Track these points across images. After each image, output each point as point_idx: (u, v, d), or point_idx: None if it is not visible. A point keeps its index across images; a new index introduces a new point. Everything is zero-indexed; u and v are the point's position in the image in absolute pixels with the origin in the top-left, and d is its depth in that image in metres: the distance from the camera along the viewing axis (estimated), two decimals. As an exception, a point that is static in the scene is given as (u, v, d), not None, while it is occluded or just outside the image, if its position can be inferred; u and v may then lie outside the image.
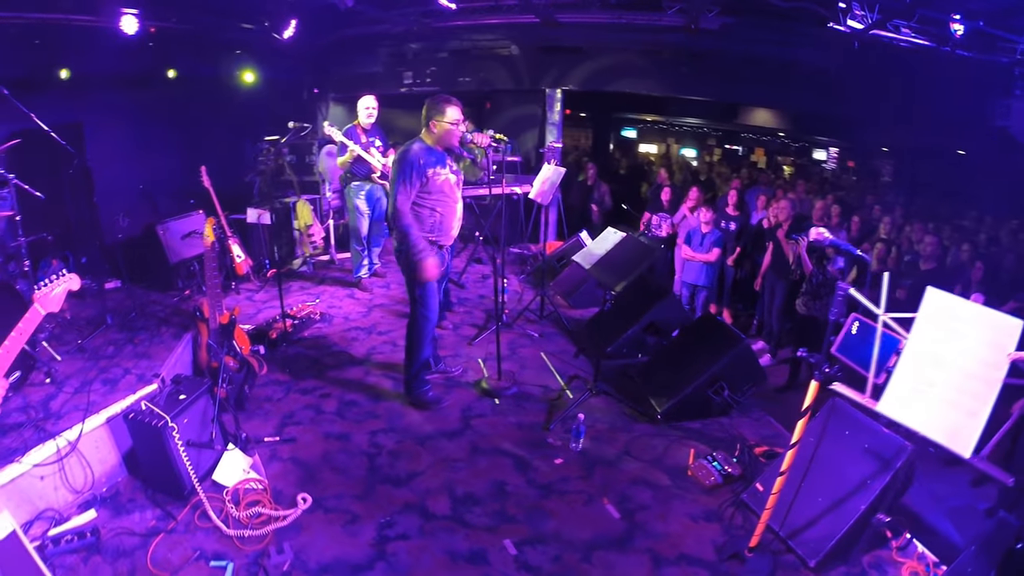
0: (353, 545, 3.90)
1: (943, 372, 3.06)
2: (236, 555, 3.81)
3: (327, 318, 7.51)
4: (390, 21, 9.53)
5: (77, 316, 6.76)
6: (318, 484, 4.52)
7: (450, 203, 5.20)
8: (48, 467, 4.21)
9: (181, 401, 4.43)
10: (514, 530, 4.11)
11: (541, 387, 5.96)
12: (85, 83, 9.27)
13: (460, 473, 4.66)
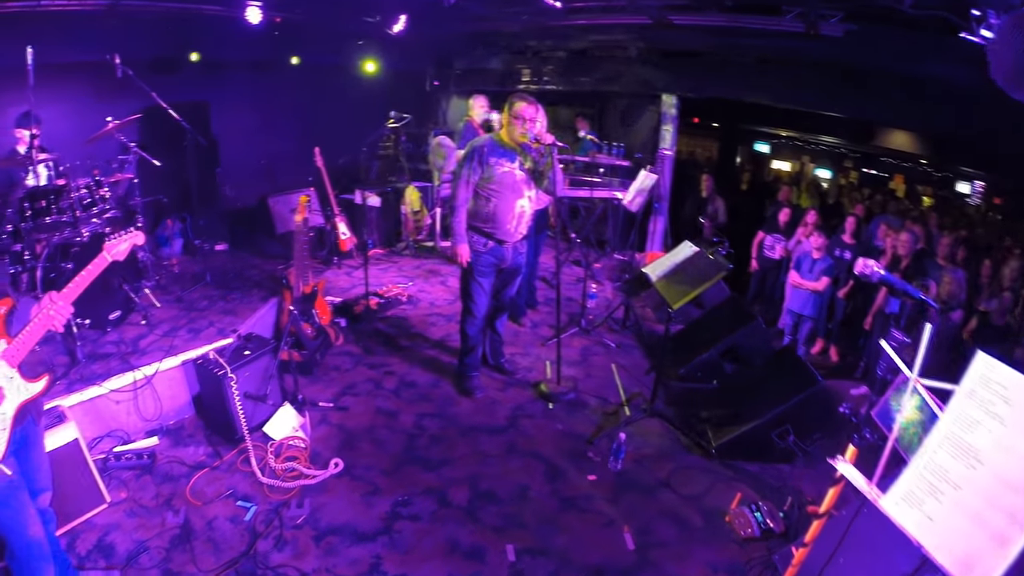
0: (366, 515, 4.71)
1: (975, 472, 2.52)
2: (262, 501, 4.81)
3: (413, 301, 8.56)
4: (501, 19, 10.09)
5: (184, 271, 8.43)
6: (354, 453, 5.42)
7: (508, 197, 5.79)
8: (124, 394, 5.46)
9: (245, 356, 5.54)
10: (521, 536, 4.57)
11: (600, 399, 6.38)
12: (213, 66, 10.78)
13: (489, 469, 5.29)
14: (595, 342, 7.52)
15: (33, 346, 3.16)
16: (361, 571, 4.23)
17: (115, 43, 7.72)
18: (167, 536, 4.47)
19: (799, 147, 18.59)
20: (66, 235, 6.42)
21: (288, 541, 4.45)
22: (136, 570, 4.20)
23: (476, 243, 5.92)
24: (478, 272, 5.98)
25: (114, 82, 7.36)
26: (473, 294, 6.05)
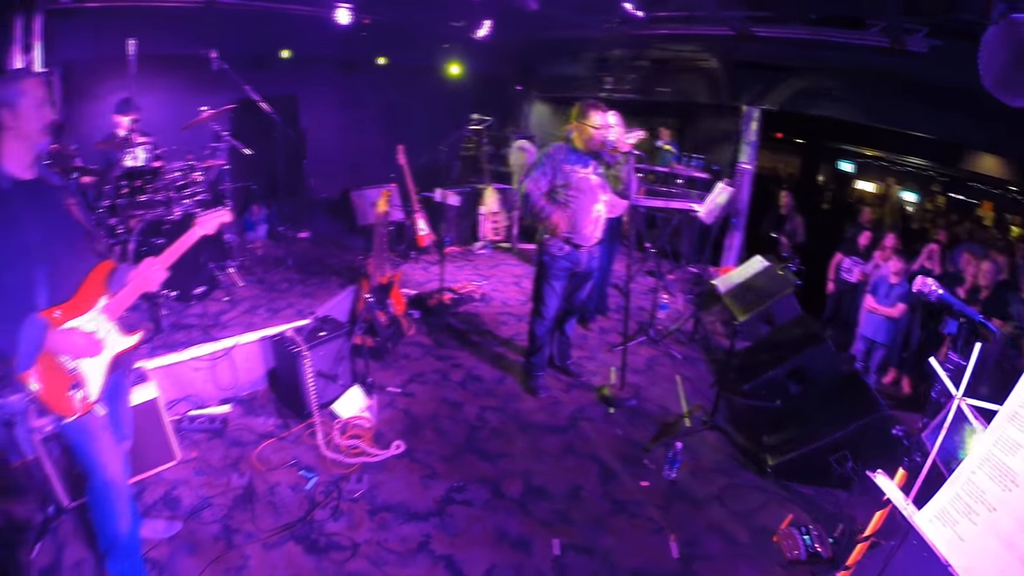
0: (421, 496, 5.04)
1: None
2: (323, 473, 5.23)
3: (486, 299, 8.95)
4: (586, 26, 10.32)
5: (267, 255, 9.12)
6: (416, 437, 5.79)
7: (585, 201, 6.05)
8: (203, 363, 6.02)
9: (320, 337, 5.97)
10: (568, 533, 4.77)
11: (661, 408, 6.53)
12: (303, 63, 11.48)
13: (545, 466, 5.54)
14: (662, 352, 7.69)
15: (130, 304, 3.62)
16: (410, 547, 4.54)
17: (211, 38, 8.37)
18: (230, 495, 4.94)
19: (885, 168, 18.03)
20: (159, 213, 7.02)
21: (344, 512, 4.82)
22: (198, 522, 4.66)
23: (553, 248, 6.16)
24: (552, 275, 6.24)
25: (209, 75, 8.04)
26: (545, 296, 6.32)
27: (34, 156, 3.28)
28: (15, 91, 3.10)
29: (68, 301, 3.36)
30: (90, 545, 4.40)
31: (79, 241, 3.51)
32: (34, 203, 3.22)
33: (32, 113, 3.13)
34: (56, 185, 3.44)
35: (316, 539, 4.57)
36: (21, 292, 3.17)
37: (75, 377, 3.35)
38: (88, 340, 3.36)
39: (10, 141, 3.15)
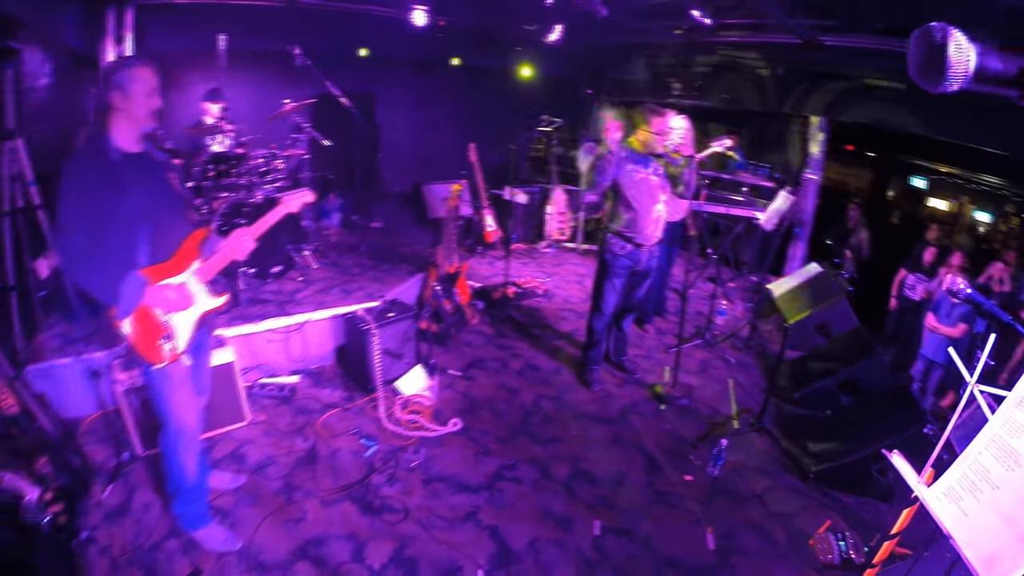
0: (473, 471, 5.42)
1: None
2: (383, 443, 5.69)
3: (548, 295, 9.33)
4: (654, 32, 10.45)
5: (341, 240, 9.77)
6: (473, 417, 6.20)
7: (646, 202, 6.31)
8: (277, 335, 6.57)
9: (389, 318, 6.44)
10: (609, 516, 5.01)
11: (711, 409, 6.72)
12: (380, 62, 12.08)
13: (593, 453, 5.83)
14: (717, 356, 7.89)
15: (220, 269, 4.09)
16: (458, 516, 4.91)
17: (294, 35, 8.88)
18: (294, 456, 5.45)
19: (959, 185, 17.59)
20: (241, 196, 7.58)
21: (399, 480, 5.25)
22: (262, 477, 5.18)
23: (615, 246, 6.45)
24: (613, 273, 6.52)
25: (292, 70, 8.58)
26: (605, 292, 6.62)
27: (140, 134, 3.78)
28: (127, 76, 3.56)
29: (165, 262, 3.86)
30: (159, 491, 4.94)
31: (178, 210, 4.00)
32: (139, 174, 3.70)
33: (141, 99, 3.61)
34: (159, 160, 3.94)
35: (371, 501, 5.00)
36: (125, 251, 3.67)
37: (166, 329, 3.82)
38: (180, 297, 3.85)
39: (120, 120, 3.65)
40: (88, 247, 3.51)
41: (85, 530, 4.57)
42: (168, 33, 9.74)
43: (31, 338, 6.07)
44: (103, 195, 3.53)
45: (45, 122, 6.93)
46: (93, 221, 3.52)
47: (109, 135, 3.63)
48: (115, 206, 3.57)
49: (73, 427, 5.64)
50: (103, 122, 3.67)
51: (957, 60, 1.61)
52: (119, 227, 3.62)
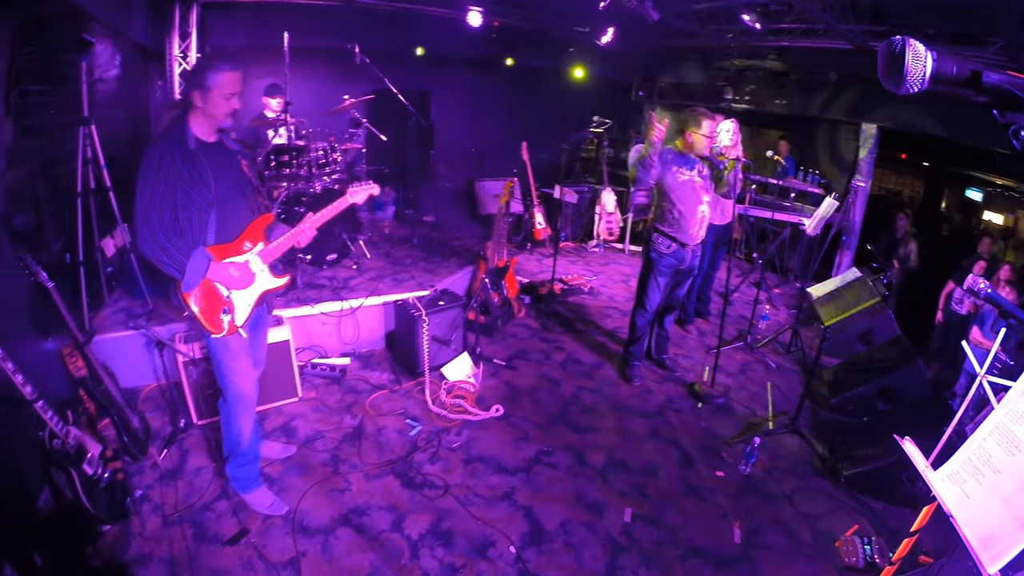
0: (512, 455, 5.64)
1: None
2: (427, 424, 5.96)
3: (594, 293, 9.53)
4: (707, 36, 10.32)
5: (394, 232, 10.07)
6: (515, 405, 6.43)
7: (690, 202, 6.43)
8: (330, 319, 6.87)
9: (439, 306, 6.72)
10: (640, 504, 5.16)
11: (748, 410, 6.81)
12: (435, 60, 12.32)
13: (628, 444, 5.99)
14: (757, 359, 7.96)
15: (282, 253, 4.39)
16: (495, 495, 5.13)
17: (352, 34, 9.22)
18: (342, 432, 5.76)
19: (1016, 199, 16.92)
20: (300, 186, 7.85)
21: (441, 458, 5.50)
22: (310, 449, 5.51)
23: (661, 245, 6.58)
24: (658, 271, 6.66)
25: (350, 66, 8.84)
26: (648, 289, 6.76)
27: (217, 126, 4.09)
28: (212, 80, 3.83)
29: (231, 242, 4.17)
30: (211, 456, 5.27)
31: (247, 195, 4.29)
32: (212, 161, 4.00)
33: (220, 101, 3.89)
34: (232, 148, 4.23)
35: (413, 476, 5.25)
36: (196, 230, 3.99)
37: (227, 303, 4.13)
38: (243, 275, 4.14)
39: (198, 116, 3.96)
40: (162, 225, 3.81)
41: (139, 488, 4.88)
42: (231, 30, 10.21)
43: (96, 311, 6.39)
44: (179, 179, 3.83)
45: (113, 111, 7.29)
46: (168, 202, 3.82)
47: (188, 125, 3.93)
48: (189, 190, 3.87)
49: (133, 395, 5.98)
50: (184, 113, 3.97)
51: (914, 67, 1.83)
52: (191, 209, 3.92)
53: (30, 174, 5.11)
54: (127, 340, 6.08)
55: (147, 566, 4.23)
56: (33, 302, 4.77)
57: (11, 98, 4.65)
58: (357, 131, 9.55)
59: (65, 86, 5.67)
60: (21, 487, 4.17)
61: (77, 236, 5.83)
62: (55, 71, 5.53)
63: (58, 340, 4.95)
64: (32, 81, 5.00)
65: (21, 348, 4.54)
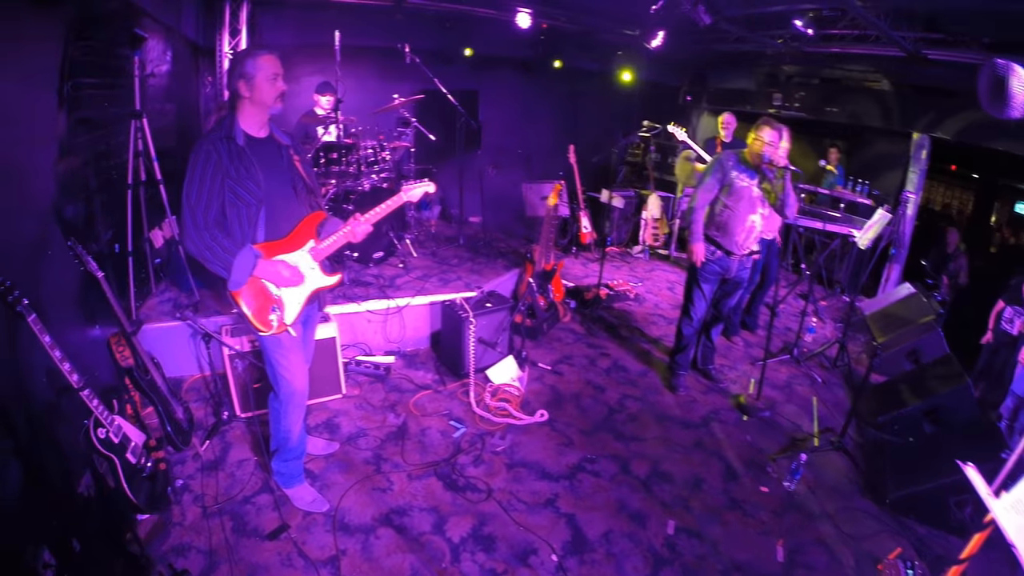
0: (555, 461, 5.52)
1: None
2: (471, 426, 5.89)
3: (639, 299, 9.40)
4: (757, 41, 10.21)
5: (440, 232, 10.10)
6: (559, 410, 6.32)
7: (742, 210, 6.27)
8: (376, 316, 6.82)
9: (486, 308, 6.63)
10: (683, 517, 5.02)
11: (793, 424, 6.59)
12: (483, 61, 12.29)
13: (673, 455, 5.85)
14: (803, 373, 7.74)
15: (334, 251, 4.29)
16: (538, 501, 5.01)
17: (401, 33, 9.17)
18: (385, 431, 5.71)
19: None
20: (348, 184, 7.82)
21: (485, 462, 5.41)
22: (353, 447, 5.46)
23: (705, 251, 6.45)
24: (702, 278, 6.52)
25: (398, 66, 8.79)
26: (694, 298, 6.62)
27: (266, 119, 4.02)
28: (252, 65, 3.79)
29: (282, 239, 4.09)
30: (254, 449, 5.25)
31: (298, 191, 4.21)
32: (262, 157, 3.93)
33: (266, 85, 3.82)
34: (283, 143, 4.15)
35: (456, 479, 5.16)
36: (244, 227, 3.92)
37: (276, 301, 4.05)
38: (292, 273, 4.06)
39: (246, 107, 3.89)
40: (208, 223, 3.75)
41: (181, 478, 4.87)
42: (280, 28, 10.29)
43: (143, 301, 6.44)
44: (226, 176, 3.77)
45: (164, 105, 7.40)
46: (215, 200, 3.77)
47: (236, 120, 3.87)
48: (236, 187, 3.81)
49: (177, 385, 5.99)
50: (232, 108, 3.92)
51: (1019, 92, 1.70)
52: (240, 206, 3.87)
53: (82, 165, 5.14)
54: (173, 330, 6.09)
55: (186, 556, 4.22)
56: (82, 291, 4.79)
57: (65, 90, 4.67)
58: (406, 130, 9.57)
59: (118, 80, 5.74)
60: (62, 472, 4.16)
61: (127, 227, 5.88)
62: (108, 65, 5.59)
63: (106, 328, 4.95)
64: (86, 74, 5.05)
65: (70, 335, 4.64)
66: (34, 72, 4.34)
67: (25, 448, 3.65)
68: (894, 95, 10.81)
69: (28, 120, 4.26)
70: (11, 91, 3.96)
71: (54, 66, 4.54)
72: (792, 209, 6.29)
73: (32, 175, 4.33)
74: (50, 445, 4.06)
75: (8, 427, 3.57)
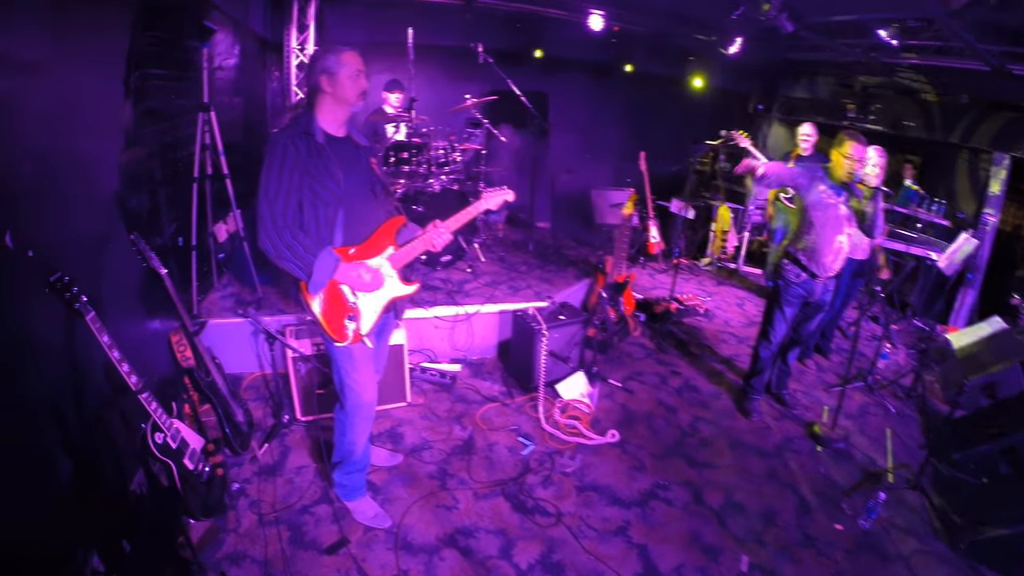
0: (627, 485, 5.21)
1: None
2: (540, 444, 5.59)
3: (709, 315, 9.01)
4: (835, 50, 9.80)
5: (507, 236, 9.81)
6: (630, 431, 5.98)
7: (829, 230, 5.85)
8: (444, 323, 6.57)
9: (559, 321, 6.33)
10: (757, 553, 4.73)
11: (868, 457, 6.25)
12: (553, 63, 12.00)
13: (747, 485, 5.52)
14: (876, 402, 7.35)
15: (414, 257, 4.03)
16: (608, 528, 4.72)
17: (470, 34, 8.94)
18: (451, 444, 5.44)
19: None
20: (417, 184, 7.59)
21: (554, 483, 5.10)
22: (417, 459, 5.21)
23: (789, 273, 6.06)
24: (785, 301, 6.15)
25: (467, 65, 8.70)
26: (774, 320, 6.26)
27: (346, 118, 3.80)
28: (335, 61, 3.57)
29: (360, 244, 3.84)
30: (313, 455, 5.05)
31: (377, 194, 3.98)
32: (341, 157, 3.69)
33: (348, 82, 3.60)
34: (362, 144, 3.92)
35: (524, 500, 4.87)
36: (322, 228, 3.68)
37: (352, 309, 3.80)
38: (372, 278, 3.79)
39: (328, 103, 3.66)
40: (287, 221, 3.53)
41: (237, 482, 4.68)
42: (348, 24, 10.24)
43: (205, 295, 6.34)
44: (304, 174, 3.55)
45: (232, 98, 7.37)
46: (293, 197, 3.55)
47: (315, 118, 3.67)
48: (315, 184, 3.59)
49: (237, 382, 5.85)
50: (309, 105, 3.72)
51: None
52: (318, 205, 3.64)
53: (148, 157, 5.05)
54: (234, 327, 5.95)
55: (240, 565, 4.06)
56: (145, 285, 4.66)
57: (131, 81, 4.55)
58: (475, 131, 9.32)
59: (185, 72, 5.70)
60: (116, 469, 4.07)
61: (191, 220, 5.77)
62: (176, 56, 5.54)
63: (167, 323, 4.85)
64: (153, 65, 4.98)
65: (130, 329, 4.52)
66: (100, 61, 4.23)
67: (77, 444, 3.53)
68: (974, 110, 10.30)
69: (93, 110, 4.11)
70: (76, 80, 3.82)
71: (121, 56, 4.42)
72: (881, 231, 5.95)
73: (96, 166, 4.19)
74: (105, 441, 3.93)
75: (59, 421, 3.44)
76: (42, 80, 3.43)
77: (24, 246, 3.06)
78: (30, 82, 3.31)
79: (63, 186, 3.65)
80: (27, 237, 3.10)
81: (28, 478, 3.18)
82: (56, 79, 3.56)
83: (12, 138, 3.17)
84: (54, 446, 3.36)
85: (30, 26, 3.30)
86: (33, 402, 3.27)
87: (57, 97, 3.58)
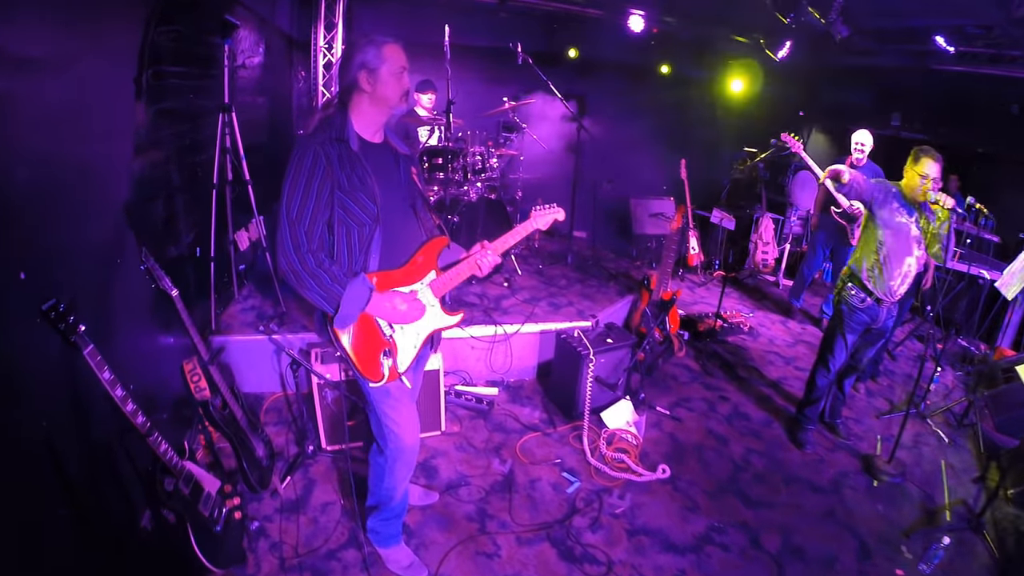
0: (680, 528, 4.73)
1: None
2: (586, 480, 5.08)
3: (754, 333, 8.51)
4: (884, 55, 9.50)
5: (543, 247, 9.33)
6: (681, 465, 5.49)
7: (900, 251, 5.44)
8: (482, 343, 6.12)
9: (607, 344, 5.86)
10: None
11: (924, 492, 5.83)
12: (591, 64, 11.57)
13: (804, 525, 5.08)
14: (928, 431, 6.91)
15: (456, 285, 3.50)
16: (663, 579, 4.29)
17: (504, 34, 8.66)
18: (489, 479, 4.95)
19: None
20: (452, 192, 7.17)
21: (603, 526, 4.62)
22: (454, 498, 4.71)
23: (854, 298, 5.66)
24: (847, 327, 5.75)
25: (502, 67, 8.48)
26: (835, 347, 5.85)
27: (384, 121, 3.29)
28: (375, 55, 3.05)
29: (398, 268, 3.31)
30: (340, 491, 4.61)
31: (419, 210, 3.46)
32: (379, 167, 3.19)
33: (391, 80, 3.09)
34: (402, 153, 3.40)
35: (572, 546, 4.41)
36: (354, 251, 3.16)
37: (389, 344, 3.28)
38: (411, 308, 3.27)
39: (365, 103, 3.14)
40: (311, 245, 3.02)
41: (256, 519, 4.28)
42: (378, 23, 9.98)
43: (224, 307, 5.96)
44: (336, 188, 3.03)
45: (256, 98, 7.12)
46: (321, 216, 3.04)
47: (349, 120, 3.14)
48: (347, 200, 3.06)
49: (256, 403, 5.50)
50: (343, 105, 3.19)
51: None
52: (351, 224, 3.12)
53: (164, 161, 4.65)
54: (254, 344, 5.54)
55: None
56: (156, 303, 4.25)
57: (144, 79, 4.12)
58: (511, 136, 8.96)
59: (206, 70, 5.35)
60: (125, 509, 3.66)
61: (210, 229, 5.38)
62: (195, 53, 5.17)
63: (181, 342, 4.46)
64: (170, 62, 4.61)
65: (141, 353, 4.15)
66: (109, 57, 3.81)
67: (79, 491, 3.11)
68: (1023, 120, 9.88)
69: (100, 111, 3.67)
70: (81, 78, 3.38)
71: (132, 52, 4.02)
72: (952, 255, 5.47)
73: (103, 172, 3.74)
74: (111, 481, 3.51)
75: (58, 466, 2.96)
76: (42, 78, 3.01)
77: (16, 267, 2.65)
78: (28, 80, 2.88)
79: (65, 195, 3.21)
80: (20, 255, 2.71)
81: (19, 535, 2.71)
82: (58, 77, 3.14)
83: (5, 142, 2.72)
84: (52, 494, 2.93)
85: (29, 18, 2.88)
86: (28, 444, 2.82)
87: (58, 97, 3.15)
